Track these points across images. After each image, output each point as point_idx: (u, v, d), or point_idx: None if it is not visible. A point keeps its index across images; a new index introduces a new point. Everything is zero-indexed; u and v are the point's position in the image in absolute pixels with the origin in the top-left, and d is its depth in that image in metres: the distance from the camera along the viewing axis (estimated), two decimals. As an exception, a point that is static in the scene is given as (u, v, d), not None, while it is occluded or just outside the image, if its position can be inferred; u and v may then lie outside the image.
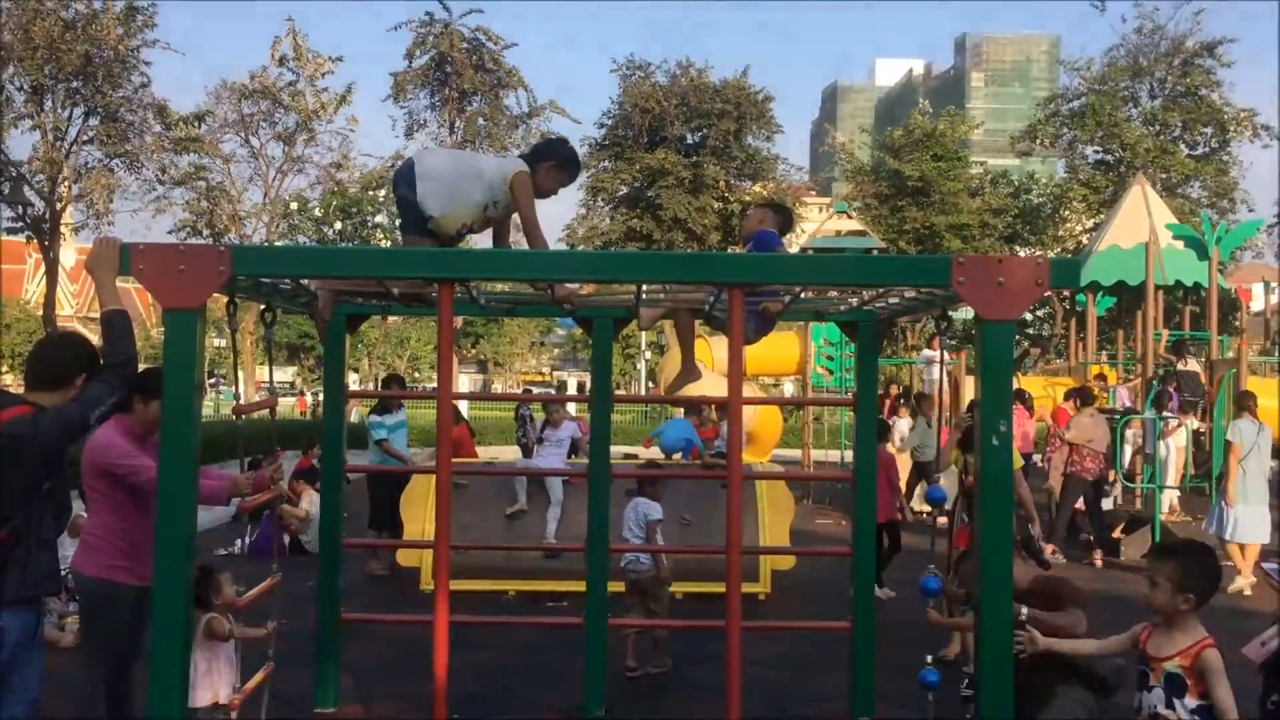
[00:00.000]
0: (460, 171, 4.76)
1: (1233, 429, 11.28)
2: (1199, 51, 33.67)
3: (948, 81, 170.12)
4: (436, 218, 4.63)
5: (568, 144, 5.18)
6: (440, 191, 4.63)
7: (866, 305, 5.61)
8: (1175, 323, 22.96)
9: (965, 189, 36.79)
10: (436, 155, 5.35)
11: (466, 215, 4.69)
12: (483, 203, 4.70)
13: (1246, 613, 10.31)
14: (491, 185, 4.69)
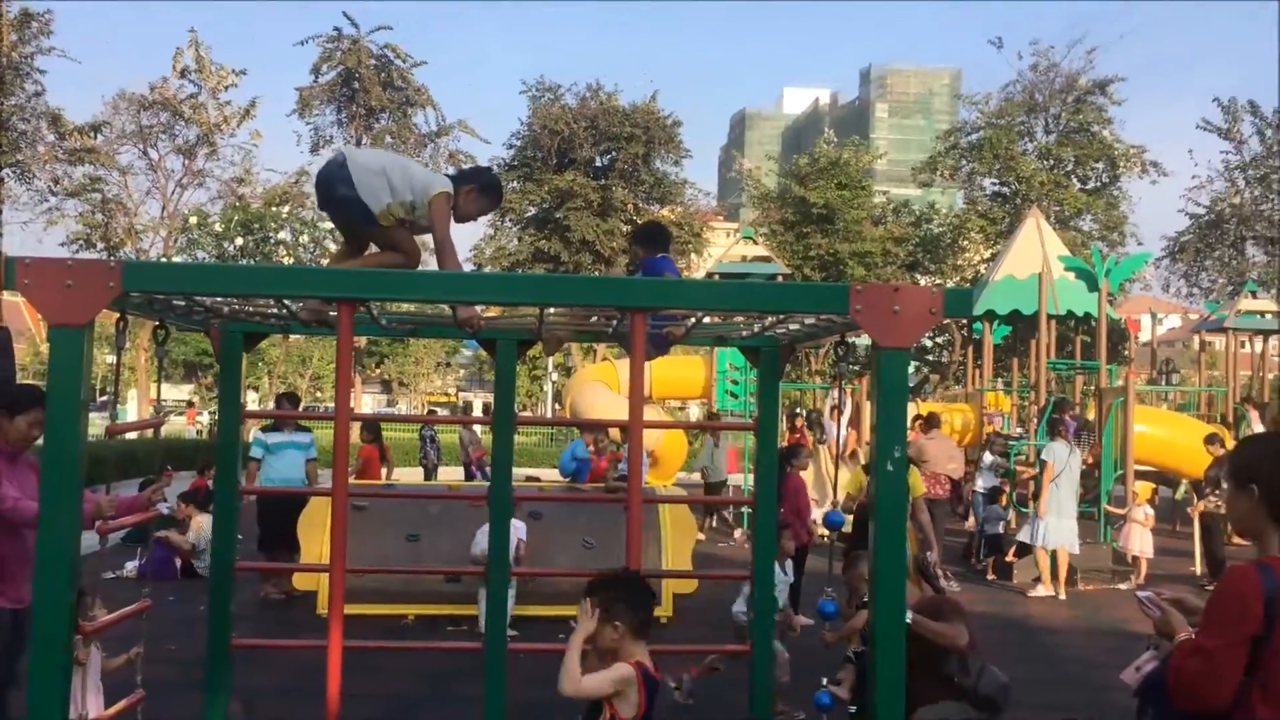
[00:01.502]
0: (395, 164, 4.67)
1: (1047, 451, 12.70)
2: (1091, 89, 34.90)
3: (853, 111, 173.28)
4: (379, 212, 4.51)
5: (493, 173, 5.17)
6: (380, 186, 4.50)
7: (768, 331, 5.68)
8: (1068, 351, 23.65)
9: (868, 217, 37.54)
10: (366, 150, 5.26)
11: (400, 210, 4.58)
12: (409, 202, 4.58)
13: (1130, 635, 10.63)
14: (415, 190, 4.60)
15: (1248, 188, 34.70)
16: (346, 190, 4.48)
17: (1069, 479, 12.45)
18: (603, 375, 19.78)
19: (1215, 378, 24.51)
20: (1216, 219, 34.97)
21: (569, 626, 3.76)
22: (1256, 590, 2.80)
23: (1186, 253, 35.41)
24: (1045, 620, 11.44)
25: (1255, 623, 2.78)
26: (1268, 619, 2.77)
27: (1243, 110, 34.51)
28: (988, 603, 12.05)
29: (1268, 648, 2.78)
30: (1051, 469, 12.42)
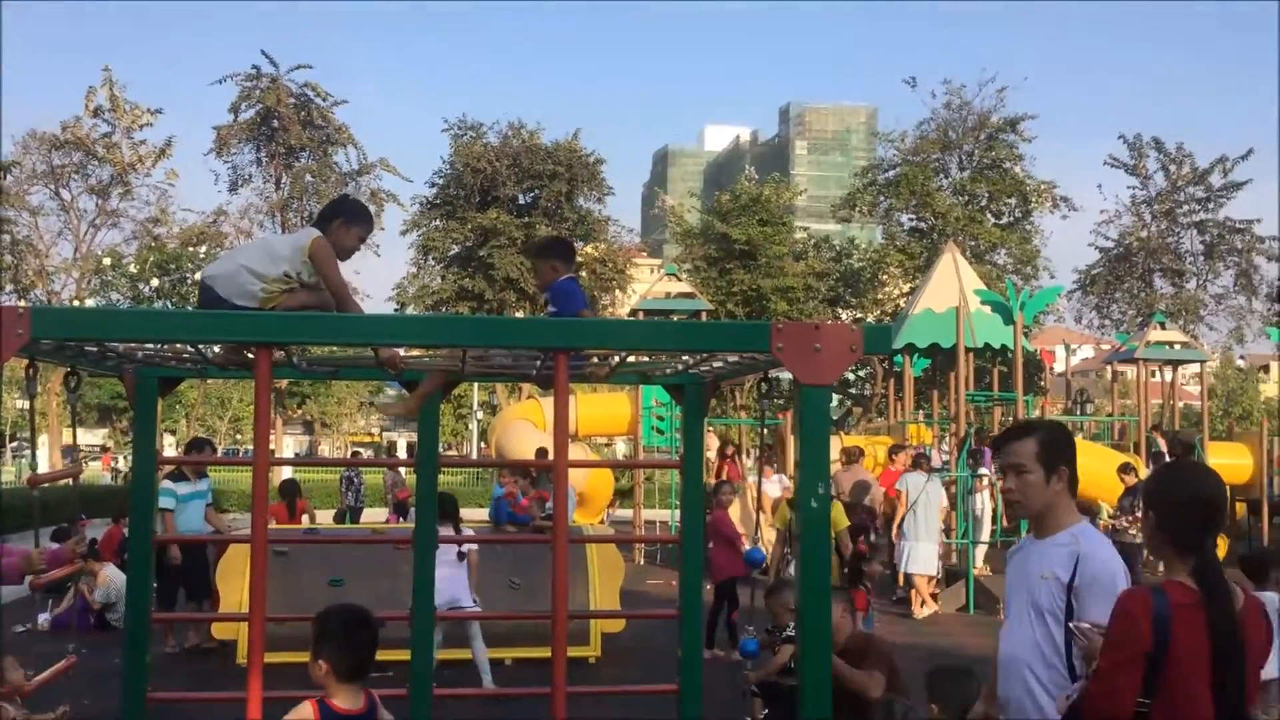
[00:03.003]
0: (250, 254, 4.57)
1: (901, 481, 13.57)
2: (1003, 127, 35.75)
3: (773, 148, 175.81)
4: (261, 301, 4.44)
5: (348, 197, 5.12)
6: (247, 281, 4.38)
7: (692, 369, 5.71)
8: (986, 383, 24.10)
9: (790, 253, 37.97)
10: (218, 261, 5.15)
11: (279, 286, 4.48)
12: (282, 274, 4.49)
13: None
14: (286, 258, 4.50)
15: (1154, 222, 35.81)
16: (223, 307, 4.38)
17: (925, 507, 13.18)
18: (528, 414, 19.69)
19: (1128, 407, 25.14)
20: (1125, 252, 36.00)
21: (501, 669, 3.73)
22: (1146, 610, 2.92)
23: (1097, 285, 36.36)
24: (968, 648, 11.56)
25: (1145, 641, 2.89)
26: (1157, 637, 2.87)
27: (1148, 147, 35.68)
28: (913, 634, 12.17)
29: (1163, 667, 2.87)
30: (905, 498, 13.28)
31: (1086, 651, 3.25)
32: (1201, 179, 35.16)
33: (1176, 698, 2.88)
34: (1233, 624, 2.90)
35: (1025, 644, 3.40)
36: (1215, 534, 3.06)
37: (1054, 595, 3.33)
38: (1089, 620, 3.21)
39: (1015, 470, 3.51)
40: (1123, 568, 3.36)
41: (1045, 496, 3.48)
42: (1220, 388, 67.26)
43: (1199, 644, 2.87)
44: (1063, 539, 3.43)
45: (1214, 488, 3.12)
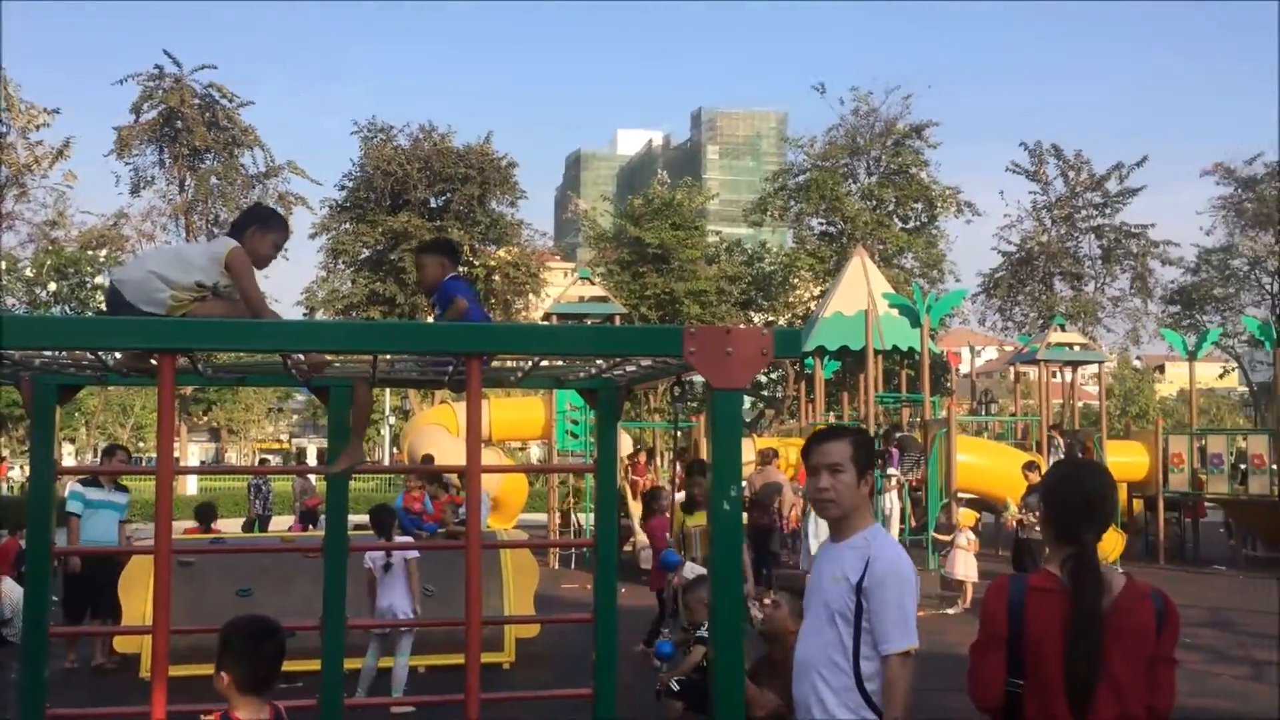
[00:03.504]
0: (163, 260, 4.48)
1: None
2: (909, 133, 36.46)
3: (685, 153, 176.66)
4: (170, 309, 4.34)
5: (262, 204, 5.06)
6: (155, 288, 4.29)
7: (605, 373, 5.72)
8: (894, 385, 24.55)
9: (703, 257, 38.22)
10: (129, 265, 5.02)
11: (189, 294, 4.39)
12: (195, 283, 4.40)
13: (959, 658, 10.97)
14: (200, 267, 4.43)
15: (1054, 226, 36.82)
16: (131, 312, 4.27)
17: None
18: (441, 418, 19.53)
19: (1030, 407, 25.78)
20: (1026, 256, 36.94)
21: (415, 676, 3.69)
22: (1002, 597, 3.16)
23: (1000, 288, 37.25)
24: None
25: (1001, 625, 3.11)
26: (1012, 622, 3.09)
27: (1048, 154, 36.68)
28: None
29: (1023, 649, 3.07)
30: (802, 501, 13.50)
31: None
32: (1099, 185, 36.25)
33: (1038, 676, 3.06)
34: (1088, 610, 3.02)
35: (817, 646, 3.47)
36: (1096, 528, 3.16)
37: (844, 596, 3.40)
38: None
39: (831, 470, 3.57)
40: (910, 567, 3.45)
41: (855, 498, 3.56)
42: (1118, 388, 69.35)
43: (1056, 627, 3.02)
44: (856, 541, 3.51)
45: (1096, 486, 3.25)
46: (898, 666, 3.30)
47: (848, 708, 3.32)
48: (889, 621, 3.30)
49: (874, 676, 3.33)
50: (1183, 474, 19.61)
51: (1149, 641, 3.09)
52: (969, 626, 12.39)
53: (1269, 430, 19.67)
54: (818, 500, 3.65)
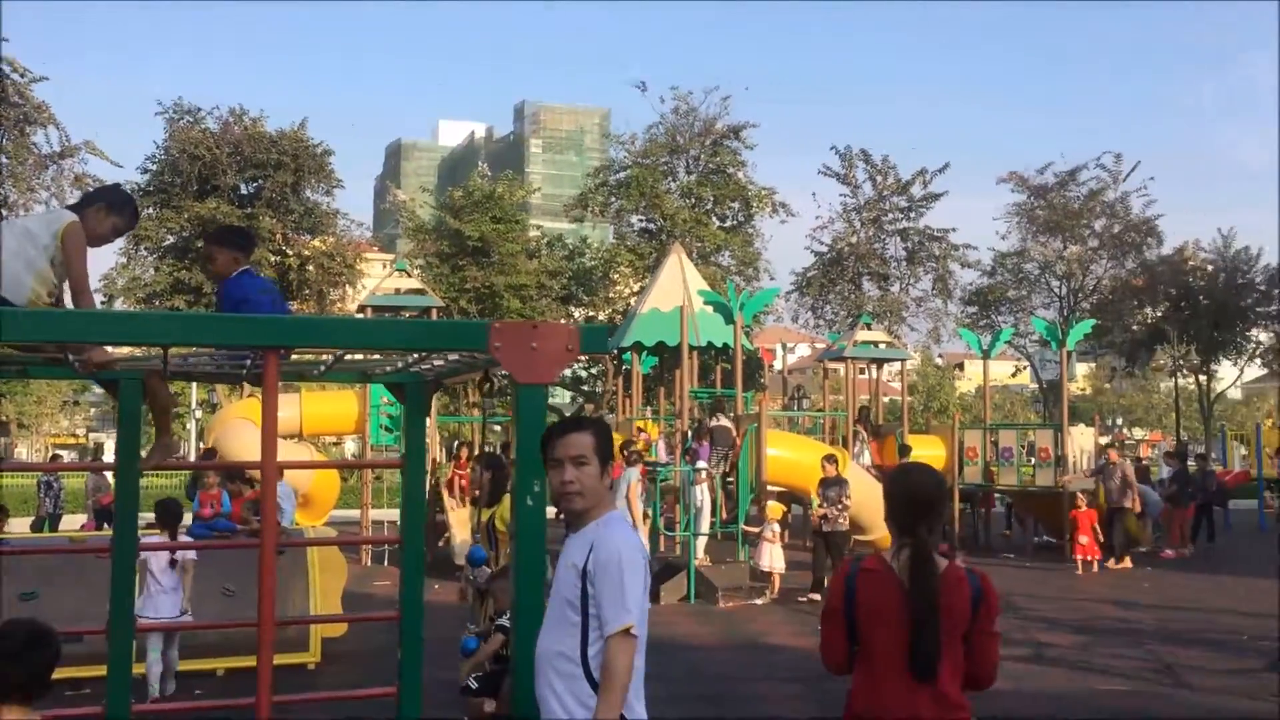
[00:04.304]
0: (15, 236, 4.24)
1: (625, 474, 13.92)
2: (727, 134, 37.23)
3: (508, 146, 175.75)
4: (28, 301, 4.09)
5: (120, 187, 4.86)
6: (13, 272, 4.07)
7: (413, 367, 5.65)
8: (710, 380, 25.01)
9: (523, 251, 38.11)
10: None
11: (47, 285, 4.17)
12: (48, 261, 4.19)
13: (768, 647, 11.30)
14: (46, 246, 4.22)
15: (863, 228, 38.21)
16: None
17: (620, 495, 13.59)
18: (250, 412, 18.86)
19: (839, 402, 26.69)
20: (837, 256, 38.22)
21: (212, 680, 3.57)
22: (842, 575, 3.73)
23: (812, 287, 38.43)
24: (689, 637, 12.00)
25: (838, 600, 3.66)
26: (847, 596, 3.63)
27: (857, 158, 38.04)
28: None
29: (856, 619, 3.61)
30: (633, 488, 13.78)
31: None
32: (904, 189, 37.79)
33: (865, 643, 3.63)
34: (925, 592, 3.51)
35: (550, 639, 3.46)
36: (927, 522, 3.65)
37: (573, 584, 3.42)
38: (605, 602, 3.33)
39: (576, 462, 3.57)
40: (633, 549, 3.45)
41: (599, 489, 3.59)
42: (922, 384, 72.45)
43: (882, 601, 3.57)
44: (589, 529, 3.54)
45: (926, 486, 3.75)
46: (615, 646, 3.27)
47: (576, 698, 3.30)
48: (608, 602, 3.30)
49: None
50: (977, 467, 20.67)
51: (965, 618, 3.56)
52: (776, 617, 12.86)
53: (1054, 425, 20.90)
54: (563, 494, 3.61)
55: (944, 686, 3.52)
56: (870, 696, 3.58)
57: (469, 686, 6.00)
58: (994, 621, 3.64)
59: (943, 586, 3.54)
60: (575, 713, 3.31)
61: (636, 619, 3.31)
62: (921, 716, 3.48)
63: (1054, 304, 39.99)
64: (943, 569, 3.59)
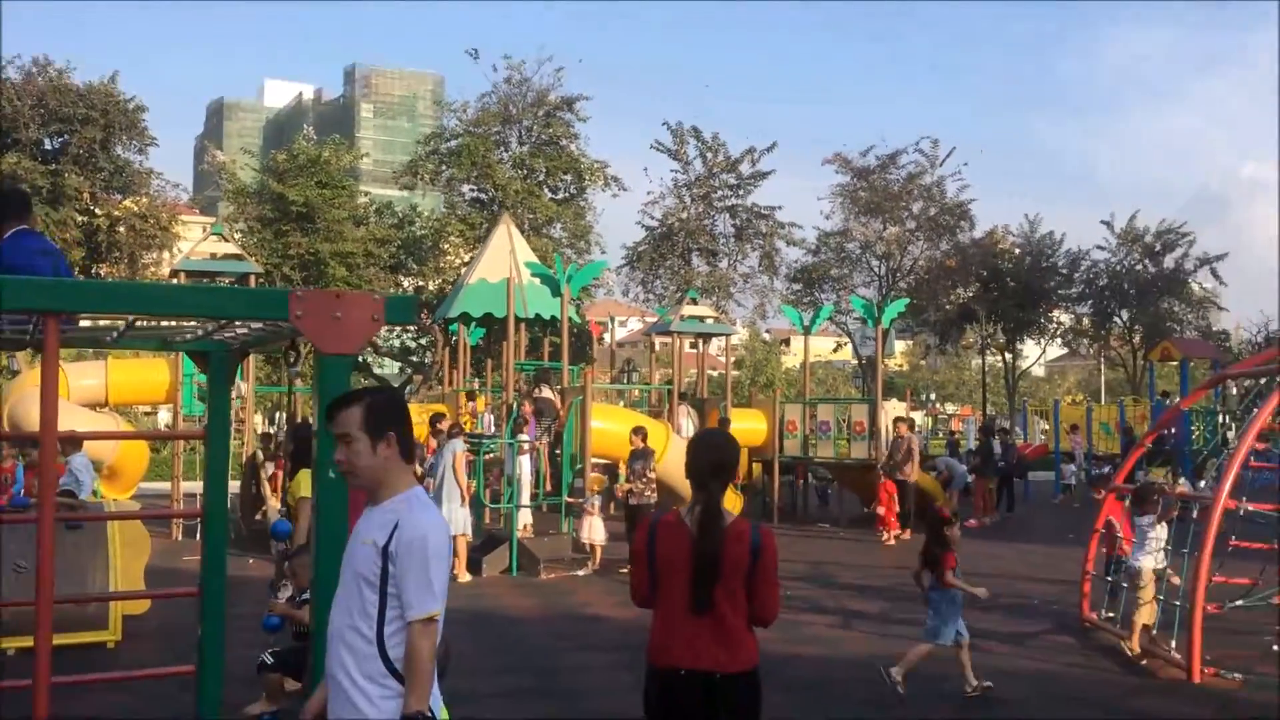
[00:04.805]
0: None
1: (450, 445, 13.77)
2: (560, 105, 37.05)
3: (338, 109, 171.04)
4: None
5: None
6: None
7: (215, 335, 5.46)
8: (540, 353, 24.97)
9: (351, 218, 37.14)
10: None
11: None
12: None
13: (587, 618, 11.38)
14: None
15: (693, 204, 38.66)
16: None
17: (447, 468, 13.54)
18: (48, 380, 17.90)
19: (669, 376, 27.02)
20: (668, 231, 38.56)
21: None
22: (645, 527, 4.32)
23: (643, 262, 38.69)
24: (510, 609, 12.01)
25: (642, 547, 4.25)
26: (648, 545, 4.21)
27: (688, 134, 38.38)
28: (455, 596, 12.43)
29: (656, 565, 4.18)
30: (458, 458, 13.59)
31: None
32: (733, 167, 38.37)
33: (663, 585, 4.18)
34: (710, 540, 4.07)
35: (343, 613, 3.41)
36: (719, 481, 4.19)
37: (371, 560, 3.35)
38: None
39: (343, 439, 3.48)
40: (440, 532, 3.40)
41: (374, 464, 3.45)
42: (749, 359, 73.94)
43: (675, 550, 4.13)
44: (390, 505, 3.43)
45: (720, 450, 4.33)
46: (418, 633, 3.26)
47: (368, 676, 3.27)
48: (412, 587, 3.26)
49: (400, 644, 3.30)
50: (796, 440, 21.27)
51: (745, 565, 4.09)
52: (597, 588, 12.94)
53: (870, 400, 21.65)
54: (340, 473, 3.59)
55: (727, 622, 4.07)
56: (666, 630, 4.15)
57: (265, 662, 5.86)
58: (772, 570, 4.15)
59: (727, 538, 4.08)
60: (367, 689, 3.28)
61: (440, 606, 3.31)
62: (705, 645, 4.06)
63: (874, 283, 41.32)
64: (728, 523, 4.12)
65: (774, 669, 8.99)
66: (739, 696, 4.08)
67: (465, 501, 13.70)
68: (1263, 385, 11.70)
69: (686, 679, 4.07)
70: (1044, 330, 44.91)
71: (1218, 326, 45.68)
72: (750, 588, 4.10)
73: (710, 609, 4.05)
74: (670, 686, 4.12)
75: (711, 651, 4.05)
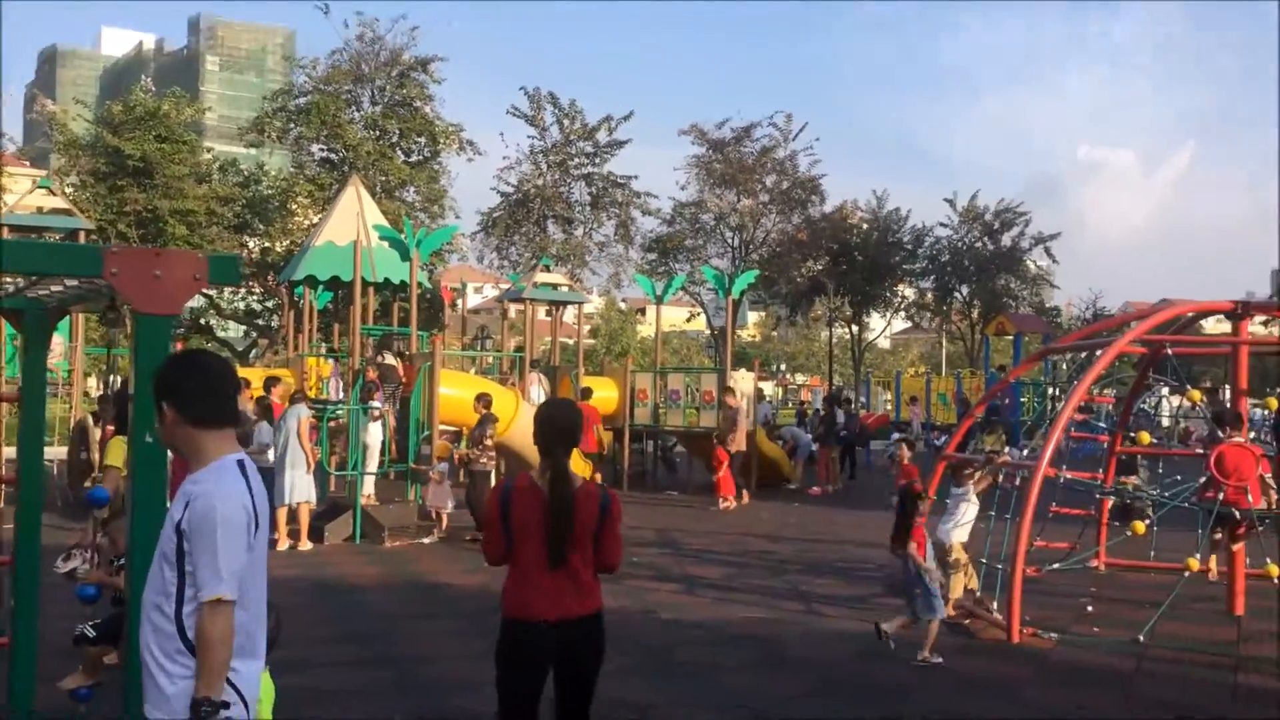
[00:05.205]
0: None
1: (294, 411, 13.49)
2: (414, 65, 36.25)
3: (181, 61, 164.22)
4: None
5: None
6: None
7: (28, 292, 5.19)
8: (390, 319, 24.52)
9: (192, 174, 35.73)
10: None
11: None
12: None
13: (432, 585, 11.28)
14: None
15: (549, 171, 38.41)
16: None
17: (293, 435, 13.24)
18: None
19: (522, 343, 26.89)
20: (523, 198, 38.23)
21: None
22: (498, 492, 4.73)
23: (498, 228, 38.28)
24: (352, 577, 11.83)
25: (495, 510, 4.61)
26: (502, 508, 4.57)
27: (545, 100, 38.06)
28: (297, 564, 12.19)
29: (511, 526, 4.54)
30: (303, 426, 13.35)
31: None
32: (590, 135, 38.24)
33: (518, 544, 4.55)
34: (561, 500, 4.47)
35: (151, 587, 3.29)
36: (565, 447, 4.58)
37: (169, 536, 3.25)
38: None
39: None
40: (232, 506, 3.20)
41: (171, 436, 3.36)
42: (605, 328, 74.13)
43: (528, 513, 4.50)
44: (195, 476, 3.29)
45: (566, 418, 4.75)
46: (208, 615, 3.11)
47: (165, 653, 3.16)
48: (201, 567, 3.13)
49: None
50: (647, 408, 21.46)
51: (594, 522, 4.54)
52: (442, 555, 12.83)
53: (719, 369, 21.96)
54: None
55: (579, 574, 4.53)
56: (521, 586, 4.54)
57: (84, 635, 5.64)
58: (617, 525, 4.64)
59: (577, 498, 4.50)
60: (167, 666, 3.16)
61: (230, 588, 3.13)
62: (561, 596, 4.49)
63: (727, 254, 41.84)
64: (577, 485, 4.53)
65: (618, 634, 9.11)
66: (593, 635, 4.61)
67: (310, 469, 13.43)
68: (1084, 359, 12.31)
69: (544, 629, 4.49)
70: (889, 304, 46.27)
71: (1050, 303, 47.76)
72: (598, 541, 4.58)
73: (565, 563, 4.48)
74: (528, 637, 4.52)
75: (566, 601, 4.50)
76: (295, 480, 13.17)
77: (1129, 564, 11.88)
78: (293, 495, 13.16)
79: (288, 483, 13.08)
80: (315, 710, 6.81)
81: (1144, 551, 11.77)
